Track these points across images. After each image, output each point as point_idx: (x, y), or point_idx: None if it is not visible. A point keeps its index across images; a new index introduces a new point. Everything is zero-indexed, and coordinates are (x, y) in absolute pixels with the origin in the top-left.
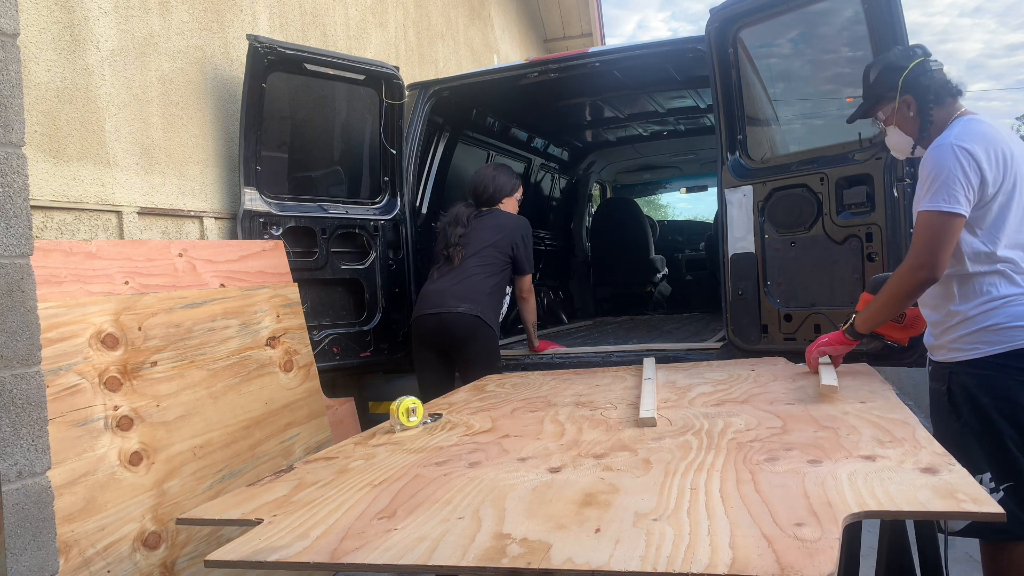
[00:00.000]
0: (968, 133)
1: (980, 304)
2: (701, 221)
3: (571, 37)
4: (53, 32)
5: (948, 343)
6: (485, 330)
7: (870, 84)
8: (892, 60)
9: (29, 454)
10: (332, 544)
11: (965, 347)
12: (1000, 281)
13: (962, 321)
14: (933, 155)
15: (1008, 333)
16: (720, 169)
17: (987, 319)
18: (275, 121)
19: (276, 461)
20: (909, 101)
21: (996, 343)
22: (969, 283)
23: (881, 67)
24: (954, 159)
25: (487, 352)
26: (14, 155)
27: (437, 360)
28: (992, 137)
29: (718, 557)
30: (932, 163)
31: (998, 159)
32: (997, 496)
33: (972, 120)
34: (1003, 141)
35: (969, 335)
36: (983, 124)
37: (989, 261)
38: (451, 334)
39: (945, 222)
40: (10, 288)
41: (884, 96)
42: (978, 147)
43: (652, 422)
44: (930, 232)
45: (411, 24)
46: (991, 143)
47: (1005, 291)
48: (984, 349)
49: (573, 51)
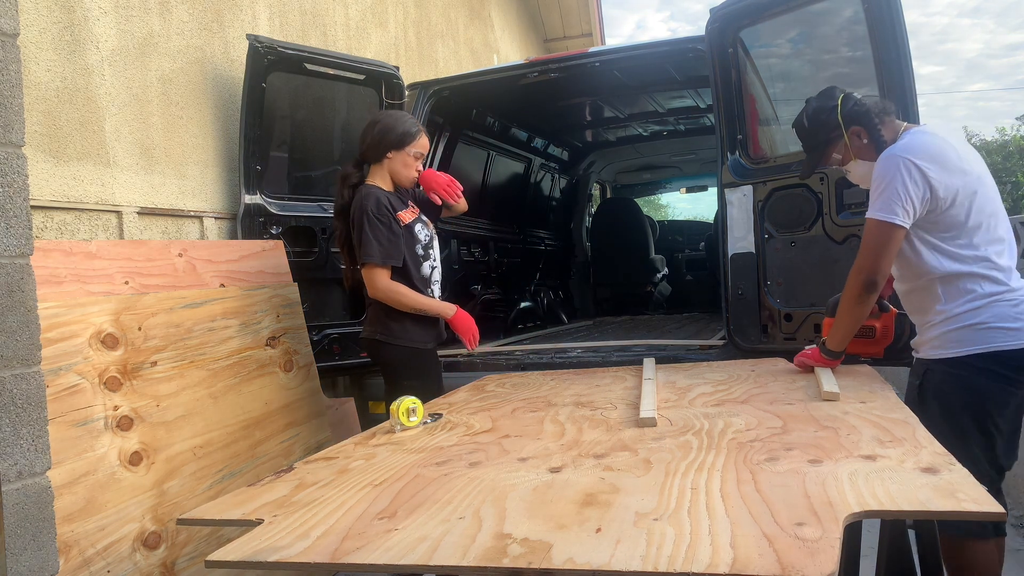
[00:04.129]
0: (915, 145)
1: (965, 303)
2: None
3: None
4: (53, 32)
5: (930, 339)
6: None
7: (809, 135)
8: (818, 105)
9: (29, 454)
10: (333, 544)
11: (945, 344)
12: (983, 280)
13: (946, 319)
14: (881, 165)
15: (989, 334)
16: (720, 169)
17: (972, 317)
18: (275, 121)
19: (276, 461)
20: (858, 131)
21: (975, 343)
22: (953, 284)
23: (811, 115)
24: (897, 171)
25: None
26: (14, 155)
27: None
28: (938, 148)
29: (719, 557)
30: (879, 172)
31: (947, 167)
32: None
33: (919, 132)
34: (951, 149)
35: (951, 332)
36: (929, 136)
37: (970, 261)
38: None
39: (884, 231)
40: (10, 288)
41: (830, 138)
42: (924, 160)
43: (652, 422)
44: (872, 239)
45: (411, 24)
46: (938, 154)
47: (989, 289)
48: (962, 348)
49: (573, 51)
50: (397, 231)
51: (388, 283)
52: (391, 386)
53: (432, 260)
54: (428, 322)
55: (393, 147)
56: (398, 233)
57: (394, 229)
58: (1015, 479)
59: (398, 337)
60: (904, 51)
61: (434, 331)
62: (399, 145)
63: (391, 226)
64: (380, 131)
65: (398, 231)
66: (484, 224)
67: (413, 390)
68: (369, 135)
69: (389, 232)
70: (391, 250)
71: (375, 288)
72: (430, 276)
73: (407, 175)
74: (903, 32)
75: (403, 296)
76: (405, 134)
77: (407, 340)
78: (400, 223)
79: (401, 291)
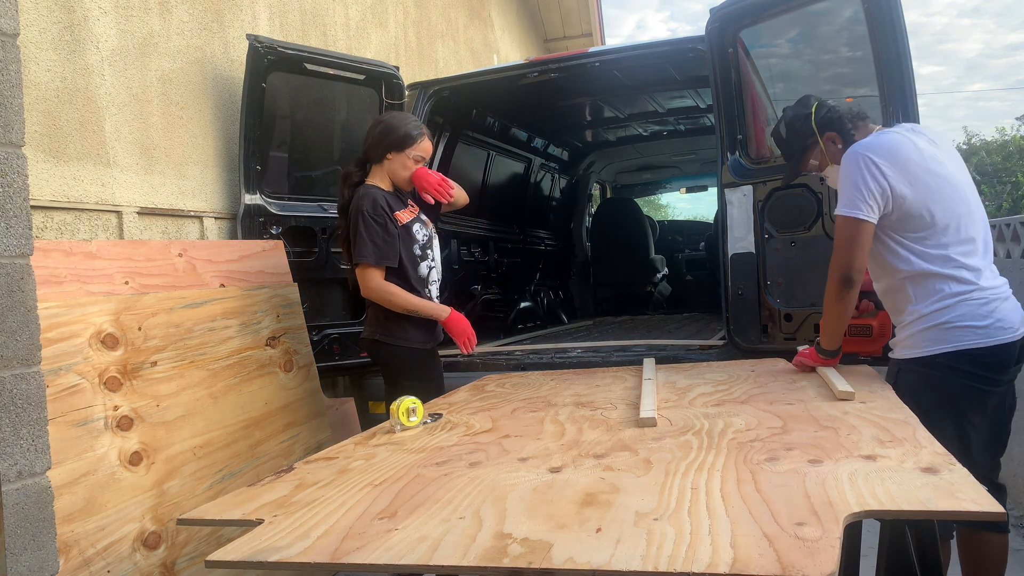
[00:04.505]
0: (874, 143)
1: (933, 302)
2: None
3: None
4: (53, 32)
5: (903, 339)
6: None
7: (786, 143)
8: (794, 114)
9: (29, 454)
10: (333, 544)
11: (916, 344)
12: (951, 280)
13: (918, 318)
14: (843, 162)
15: (958, 333)
16: (720, 169)
17: (941, 316)
18: (275, 121)
19: (276, 461)
20: (832, 136)
21: (944, 342)
22: (922, 283)
23: (787, 123)
24: (855, 166)
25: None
26: (14, 155)
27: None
28: (897, 145)
29: (719, 556)
30: (842, 170)
31: (905, 165)
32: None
33: (885, 132)
34: (913, 148)
35: (921, 332)
36: (892, 134)
37: (939, 261)
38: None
39: (850, 226)
40: (10, 288)
41: (807, 145)
42: (879, 156)
43: (652, 422)
44: (841, 235)
45: (411, 24)
46: (895, 151)
47: (957, 288)
48: (932, 348)
49: (573, 51)
50: (393, 231)
51: (380, 283)
52: (391, 386)
53: (430, 260)
54: (428, 322)
55: (393, 148)
56: (394, 234)
57: (390, 229)
58: (1015, 479)
59: (397, 338)
60: (904, 51)
61: (434, 332)
62: (399, 147)
63: (387, 226)
64: (382, 131)
65: (394, 231)
66: (484, 224)
67: (413, 390)
68: (371, 135)
69: (384, 232)
70: (386, 250)
71: (367, 288)
72: (427, 276)
73: (406, 177)
74: (903, 32)
75: (395, 296)
76: (406, 136)
77: (407, 340)
78: (397, 223)
79: (393, 291)
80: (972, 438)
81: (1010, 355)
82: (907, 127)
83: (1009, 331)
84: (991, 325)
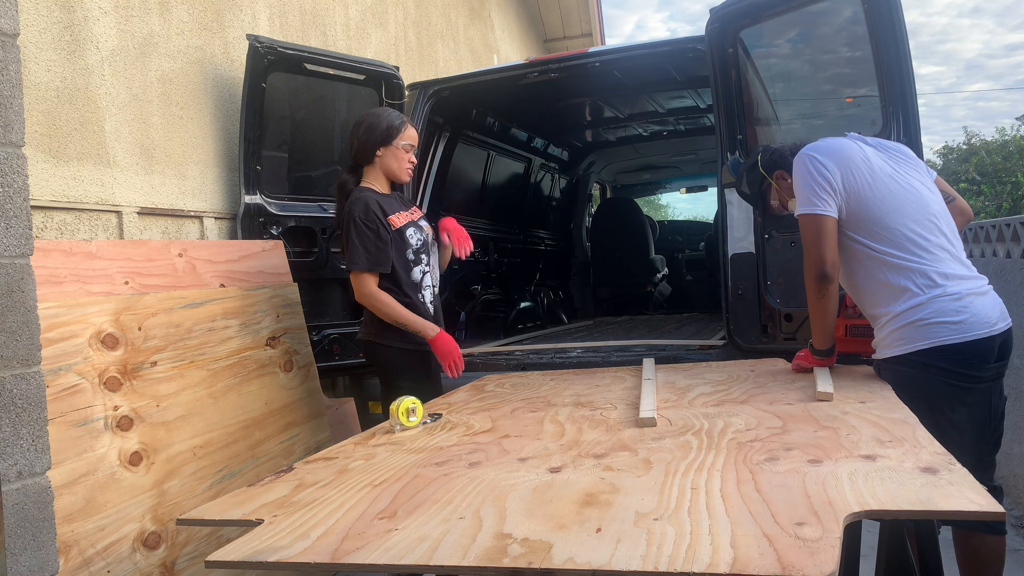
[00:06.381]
0: (817, 145)
1: (904, 301)
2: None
3: (571, 37)
4: (53, 32)
5: (880, 340)
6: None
7: (749, 194)
8: (746, 168)
9: (29, 454)
10: (333, 544)
11: (892, 343)
12: (919, 277)
13: (891, 318)
14: (793, 168)
15: (931, 329)
16: (720, 169)
17: (914, 314)
18: (275, 121)
19: (276, 461)
20: (780, 174)
21: (919, 339)
22: (890, 285)
23: (744, 175)
24: (803, 167)
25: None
26: (14, 155)
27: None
28: (839, 146)
29: (719, 556)
30: (793, 175)
31: (848, 164)
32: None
33: (829, 137)
34: (856, 151)
35: (896, 331)
36: (837, 138)
37: (904, 261)
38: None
39: (812, 223)
40: (10, 288)
41: (763, 190)
42: (821, 154)
43: (652, 422)
44: (807, 234)
45: (411, 24)
46: (836, 151)
47: (925, 285)
48: (907, 346)
49: (573, 51)
50: (385, 237)
51: (373, 290)
52: (387, 387)
53: (424, 265)
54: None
55: (381, 143)
56: (386, 239)
57: (382, 235)
58: (1015, 479)
59: (392, 338)
60: (904, 51)
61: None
62: (386, 140)
63: (379, 232)
64: (365, 130)
65: (386, 237)
66: (484, 224)
67: (408, 391)
68: (356, 137)
69: (376, 238)
70: (378, 257)
71: (360, 295)
72: (421, 281)
73: (401, 168)
74: (903, 32)
75: (385, 306)
76: (390, 128)
77: (402, 341)
78: (390, 227)
79: (384, 300)
80: (952, 436)
81: (988, 350)
82: (855, 136)
83: (985, 326)
84: (965, 320)
